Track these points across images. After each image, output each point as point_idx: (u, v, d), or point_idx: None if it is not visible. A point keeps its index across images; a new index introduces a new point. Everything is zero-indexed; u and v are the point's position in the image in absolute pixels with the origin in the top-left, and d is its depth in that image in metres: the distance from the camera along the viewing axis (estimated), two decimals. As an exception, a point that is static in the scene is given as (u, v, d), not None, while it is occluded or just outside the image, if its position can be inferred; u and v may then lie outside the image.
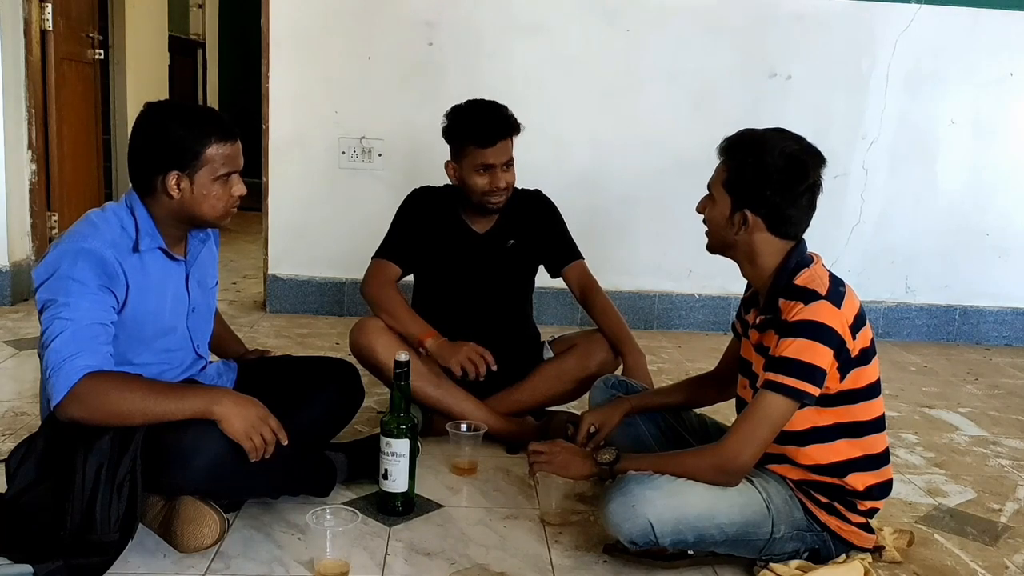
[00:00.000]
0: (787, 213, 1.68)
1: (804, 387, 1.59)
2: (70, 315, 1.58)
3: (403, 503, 1.91)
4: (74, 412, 1.57)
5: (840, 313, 1.62)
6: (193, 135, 1.69)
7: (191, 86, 6.62)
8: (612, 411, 2.02)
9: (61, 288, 1.60)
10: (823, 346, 1.59)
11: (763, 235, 1.69)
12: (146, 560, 1.66)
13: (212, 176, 1.71)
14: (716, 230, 1.74)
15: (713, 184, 1.74)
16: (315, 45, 3.63)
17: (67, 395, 1.55)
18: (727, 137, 1.73)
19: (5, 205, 3.60)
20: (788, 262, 1.69)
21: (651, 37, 3.70)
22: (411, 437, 1.88)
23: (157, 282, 1.75)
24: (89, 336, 1.59)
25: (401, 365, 1.87)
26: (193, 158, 1.69)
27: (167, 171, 1.68)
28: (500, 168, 2.30)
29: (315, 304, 3.81)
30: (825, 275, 1.68)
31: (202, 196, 1.71)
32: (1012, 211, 3.94)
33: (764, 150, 1.66)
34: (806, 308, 1.61)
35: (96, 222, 1.71)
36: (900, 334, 3.97)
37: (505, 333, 2.45)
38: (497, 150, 2.28)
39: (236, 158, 1.75)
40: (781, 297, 1.67)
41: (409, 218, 2.42)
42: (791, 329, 1.61)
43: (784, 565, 1.69)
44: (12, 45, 3.60)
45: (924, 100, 3.82)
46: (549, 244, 2.49)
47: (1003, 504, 2.22)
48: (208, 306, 1.95)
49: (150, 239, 1.73)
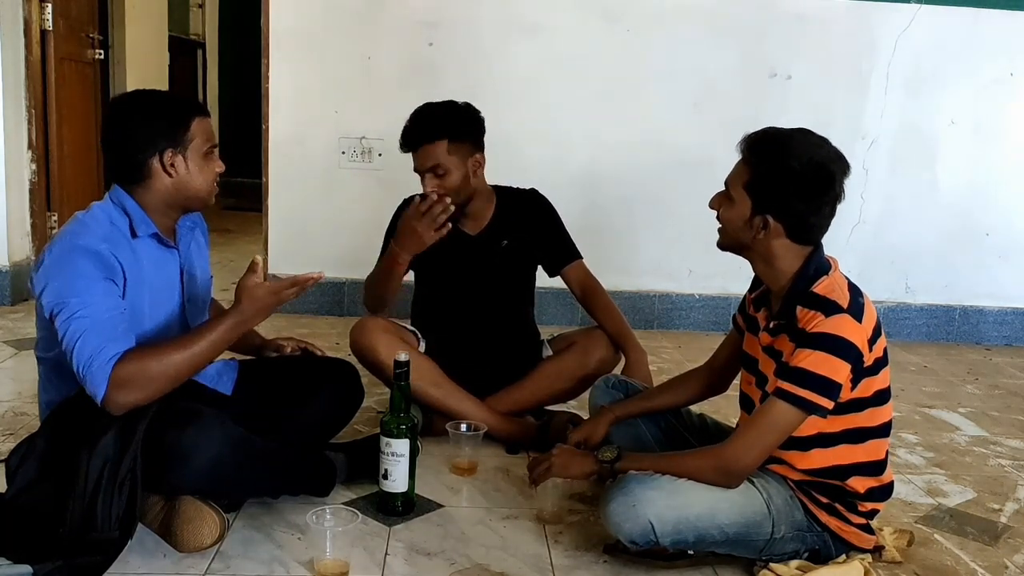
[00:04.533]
0: (810, 221, 1.64)
1: (818, 400, 1.58)
2: (85, 312, 1.58)
3: (403, 503, 1.91)
4: (124, 399, 1.56)
5: (861, 328, 1.60)
6: (178, 111, 1.74)
7: (191, 86, 6.62)
8: (596, 424, 2.02)
9: (67, 288, 1.60)
10: (841, 361, 1.57)
11: (782, 240, 1.65)
12: (146, 560, 1.66)
13: (200, 151, 1.75)
14: (732, 231, 1.69)
15: (732, 183, 1.68)
16: (315, 45, 3.63)
17: (109, 387, 1.54)
18: (750, 134, 1.67)
19: (5, 205, 3.60)
20: (807, 268, 1.66)
21: (651, 37, 3.70)
22: (411, 437, 1.87)
23: (152, 271, 1.75)
24: (109, 327, 1.59)
25: (401, 365, 1.87)
26: (184, 132, 1.72)
27: (162, 150, 1.71)
28: (427, 175, 2.23)
29: (315, 304, 3.81)
30: (844, 284, 1.65)
31: (195, 172, 1.74)
32: (1012, 211, 3.94)
33: (791, 154, 1.61)
34: (827, 320, 1.58)
35: (85, 221, 1.71)
36: (900, 334, 3.97)
37: (504, 332, 2.45)
38: (418, 156, 2.24)
39: (213, 132, 1.81)
40: (799, 304, 1.64)
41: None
42: (810, 340, 1.58)
43: (784, 565, 1.69)
44: (12, 45, 3.60)
45: (924, 100, 3.82)
46: (545, 244, 2.46)
47: (1003, 504, 2.21)
48: (203, 299, 1.94)
49: (145, 226, 1.74)
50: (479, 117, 2.30)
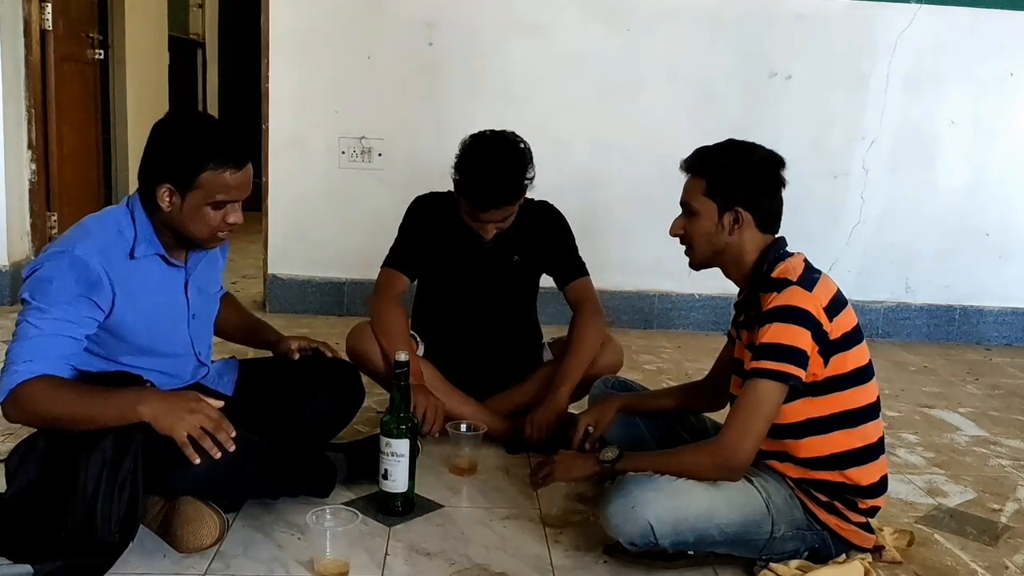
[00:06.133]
0: (772, 207, 1.75)
1: (788, 369, 1.60)
2: (38, 323, 1.59)
3: (403, 503, 1.91)
4: (10, 414, 1.60)
5: (812, 296, 1.64)
6: (194, 156, 1.63)
7: (191, 86, 6.61)
8: (604, 409, 2.06)
9: (39, 290, 1.60)
10: (799, 327, 1.61)
11: (751, 231, 1.74)
12: (146, 560, 1.66)
13: (205, 200, 1.65)
14: (704, 242, 1.77)
15: (691, 198, 1.77)
16: (315, 45, 3.63)
17: (7, 397, 1.57)
18: (687, 158, 1.79)
19: (5, 205, 3.60)
20: (766, 256, 1.73)
21: (651, 37, 3.70)
22: (411, 437, 1.87)
23: (153, 288, 1.74)
24: (49, 346, 1.59)
25: (401, 365, 1.87)
26: (187, 178, 1.64)
27: (161, 182, 1.65)
28: (492, 224, 2.21)
29: (315, 304, 3.81)
30: (800, 265, 1.71)
31: (191, 216, 1.67)
32: (1012, 211, 3.94)
33: (736, 153, 1.74)
34: (779, 295, 1.65)
35: (90, 228, 1.69)
36: (900, 334, 3.97)
37: (506, 336, 2.45)
38: (489, 214, 2.18)
39: (238, 188, 1.68)
40: (760, 291, 1.70)
41: (416, 226, 2.37)
42: (766, 317, 1.64)
43: (784, 565, 1.69)
44: (12, 45, 3.60)
45: (924, 100, 3.82)
46: (554, 259, 2.43)
47: (1003, 504, 2.21)
48: (209, 313, 1.94)
49: (147, 245, 1.72)
50: (530, 155, 2.22)
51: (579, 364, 2.30)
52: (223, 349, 2.43)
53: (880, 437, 1.74)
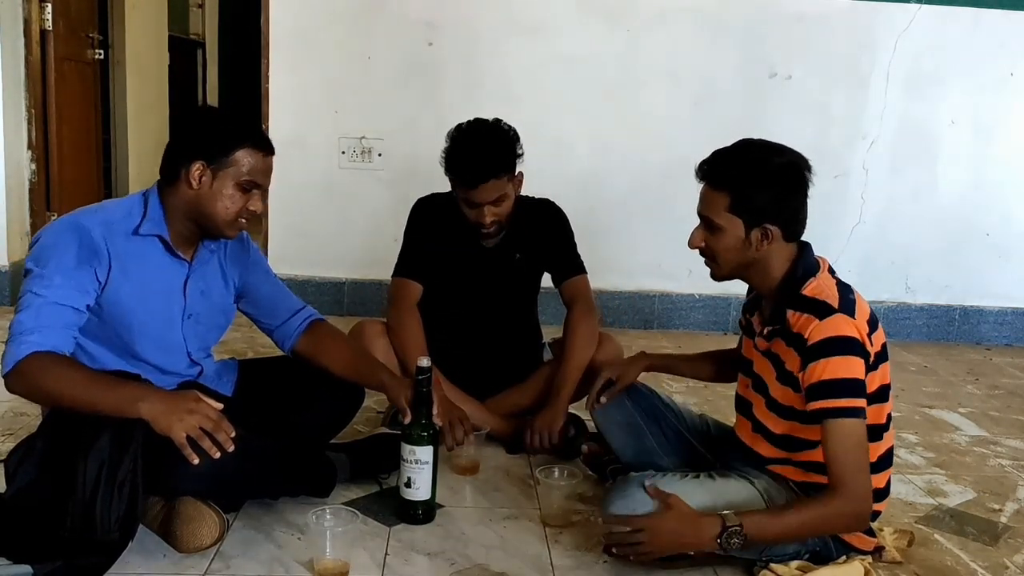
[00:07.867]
0: (800, 216, 1.67)
1: (857, 403, 1.57)
2: (42, 291, 1.61)
3: (424, 511, 1.87)
4: (15, 386, 1.61)
5: (856, 323, 1.60)
6: (230, 133, 1.73)
7: (191, 86, 6.61)
8: (631, 364, 2.04)
9: (42, 257, 1.64)
10: (854, 357, 1.57)
11: (779, 244, 1.66)
12: (146, 560, 1.66)
13: (235, 180, 1.71)
14: (730, 257, 1.68)
15: (712, 213, 1.66)
16: (315, 45, 3.64)
17: (12, 369, 1.58)
18: (704, 162, 1.68)
19: (5, 205, 3.60)
20: (795, 269, 1.67)
21: (651, 37, 3.70)
22: (434, 443, 1.84)
23: (150, 273, 1.75)
24: (54, 315, 1.61)
25: (423, 371, 1.82)
26: (223, 154, 1.70)
27: (194, 159, 1.70)
28: (487, 206, 2.19)
29: (315, 304, 3.72)
30: (832, 284, 1.65)
31: (219, 194, 1.71)
32: (1012, 211, 3.94)
33: (760, 163, 1.63)
34: (822, 324, 1.58)
35: (103, 204, 1.76)
36: (900, 334, 3.97)
37: (506, 337, 2.45)
38: (481, 191, 2.16)
39: (265, 173, 1.76)
40: (789, 308, 1.64)
41: (420, 229, 2.37)
42: (818, 351, 1.57)
43: (784, 565, 1.69)
44: (12, 45, 3.60)
45: (924, 100, 3.82)
46: (553, 257, 2.42)
47: (1003, 504, 2.21)
48: (212, 319, 1.92)
49: (152, 224, 1.74)
50: (516, 135, 2.25)
51: (575, 367, 2.30)
52: (223, 349, 2.43)
53: (891, 447, 1.74)
